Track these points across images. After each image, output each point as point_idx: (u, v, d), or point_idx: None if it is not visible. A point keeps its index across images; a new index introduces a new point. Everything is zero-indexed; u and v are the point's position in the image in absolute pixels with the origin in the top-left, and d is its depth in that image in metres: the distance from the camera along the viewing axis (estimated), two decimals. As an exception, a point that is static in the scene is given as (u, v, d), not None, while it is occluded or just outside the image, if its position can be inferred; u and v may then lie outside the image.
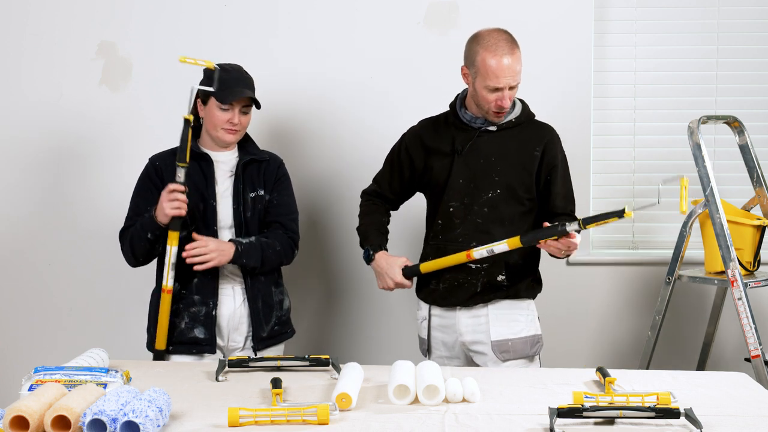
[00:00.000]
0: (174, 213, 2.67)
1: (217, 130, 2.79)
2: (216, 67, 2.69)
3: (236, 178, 2.83)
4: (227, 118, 2.76)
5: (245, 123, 2.82)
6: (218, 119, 2.77)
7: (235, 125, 2.78)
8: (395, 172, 2.91)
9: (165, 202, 2.67)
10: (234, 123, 2.77)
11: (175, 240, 2.70)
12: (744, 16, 3.58)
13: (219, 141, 2.82)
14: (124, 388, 1.97)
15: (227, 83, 2.74)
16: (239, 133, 2.82)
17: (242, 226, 2.81)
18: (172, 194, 2.67)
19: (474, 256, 2.66)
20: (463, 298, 2.74)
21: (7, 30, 3.58)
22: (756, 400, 2.19)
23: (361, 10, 3.53)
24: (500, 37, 2.67)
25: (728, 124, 3.38)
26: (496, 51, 2.63)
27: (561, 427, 1.93)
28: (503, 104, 2.67)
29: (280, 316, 2.90)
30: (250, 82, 2.82)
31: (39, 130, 3.59)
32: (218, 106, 2.75)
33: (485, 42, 2.65)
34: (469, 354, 2.78)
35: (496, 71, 2.63)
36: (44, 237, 3.62)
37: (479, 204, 2.73)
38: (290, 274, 3.09)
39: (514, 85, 2.67)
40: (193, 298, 2.79)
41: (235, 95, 2.74)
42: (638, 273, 3.61)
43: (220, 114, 2.76)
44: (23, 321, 3.65)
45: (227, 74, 2.76)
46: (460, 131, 2.78)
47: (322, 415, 1.96)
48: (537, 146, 2.74)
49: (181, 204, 2.67)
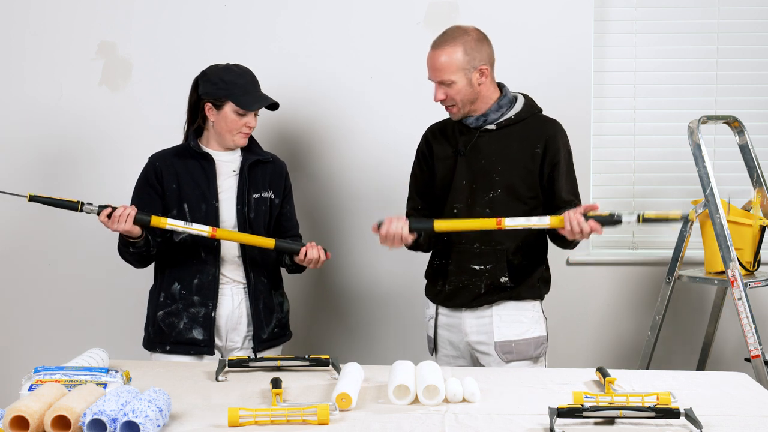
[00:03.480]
0: (121, 229, 2.66)
1: (233, 134, 2.78)
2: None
3: (241, 178, 2.82)
4: (244, 122, 2.77)
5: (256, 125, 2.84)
6: (235, 124, 2.77)
7: (251, 129, 2.80)
8: (420, 184, 2.90)
9: (111, 228, 2.68)
10: (251, 126, 2.79)
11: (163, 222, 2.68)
12: (744, 16, 3.58)
13: (231, 144, 2.81)
14: (124, 388, 1.97)
15: (245, 88, 2.75)
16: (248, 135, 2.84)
17: (246, 227, 2.80)
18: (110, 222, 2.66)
19: (505, 225, 2.57)
20: (467, 300, 2.74)
21: (7, 30, 3.58)
22: (756, 400, 2.19)
23: (361, 11, 3.53)
24: (446, 31, 2.72)
25: (728, 124, 3.38)
26: (432, 43, 2.71)
27: (561, 427, 1.93)
28: (435, 98, 2.70)
29: (280, 319, 2.90)
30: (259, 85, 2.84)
31: (39, 130, 3.59)
32: (236, 111, 2.75)
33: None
34: (474, 354, 2.78)
35: (427, 62, 2.70)
36: (44, 237, 3.62)
37: (481, 205, 2.72)
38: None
39: (442, 81, 2.66)
40: (192, 299, 2.79)
41: (260, 101, 2.76)
42: (638, 273, 3.61)
43: (237, 119, 2.76)
44: (23, 321, 3.65)
45: (240, 78, 2.76)
46: (462, 133, 2.77)
47: (322, 415, 1.96)
48: (538, 143, 2.71)
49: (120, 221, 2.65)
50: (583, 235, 2.52)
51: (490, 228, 2.59)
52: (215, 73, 2.79)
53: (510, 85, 2.84)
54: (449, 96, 2.67)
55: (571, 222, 2.50)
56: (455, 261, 2.75)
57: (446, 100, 2.68)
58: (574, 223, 2.50)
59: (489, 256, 2.71)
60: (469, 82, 2.66)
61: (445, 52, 2.65)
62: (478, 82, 2.67)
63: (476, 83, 2.67)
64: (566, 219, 2.51)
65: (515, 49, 3.44)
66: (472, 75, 2.65)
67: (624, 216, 2.49)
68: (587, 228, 2.49)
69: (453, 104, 2.69)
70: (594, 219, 2.50)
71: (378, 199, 3.55)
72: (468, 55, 2.65)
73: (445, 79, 2.64)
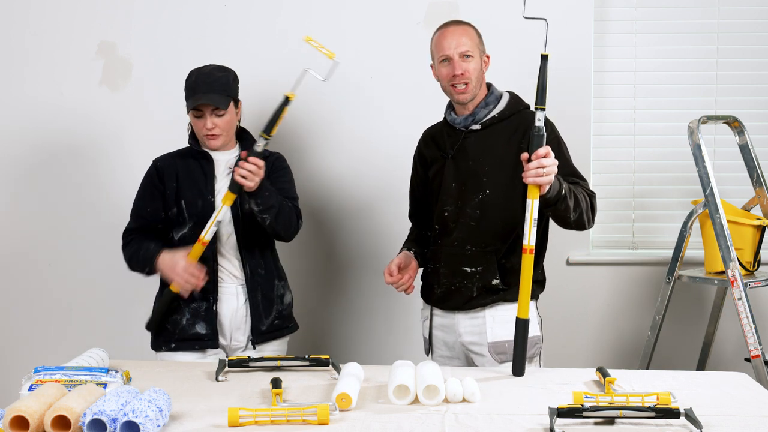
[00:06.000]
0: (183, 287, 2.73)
1: (200, 136, 2.81)
2: (336, 61, 2.66)
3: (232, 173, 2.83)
4: (202, 124, 2.77)
5: (223, 125, 2.78)
6: (197, 127, 2.79)
7: (210, 130, 2.77)
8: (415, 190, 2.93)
9: (177, 276, 2.71)
10: (209, 128, 2.76)
11: (229, 200, 2.68)
12: (744, 16, 3.58)
13: (205, 147, 2.83)
14: (124, 388, 1.97)
15: (191, 90, 2.76)
16: (220, 137, 2.80)
17: (240, 220, 2.81)
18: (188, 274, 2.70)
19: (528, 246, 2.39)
20: (460, 303, 2.74)
21: (7, 30, 3.58)
22: (756, 400, 2.19)
23: (361, 10, 3.53)
24: (452, 20, 2.75)
25: (728, 124, 3.38)
26: (442, 27, 2.72)
27: (561, 427, 1.93)
28: (455, 73, 2.66)
29: (281, 311, 2.90)
30: (217, 83, 2.78)
31: (39, 130, 3.59)
32: (192, 114, 2.77)
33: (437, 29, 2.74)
34: (468, 355, 2.78)
35: (441, 41, 2.69)
36: (45, 237, 3.62)
37: (471, 206, 2.71)
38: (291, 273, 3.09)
39: (465, 53, 2.65)
40: (193, 294, 2.79)
41: (194, 102, 2.74)
42: (638, 273, 3.61)
43: (197, 122, 2.78)
44: (23, 321, 3.65)
45: (189, 80, 2.78)
46: (450, 135, 2.78)
47: (322, 415, 1.96)
48: (522, 139, 2.68)
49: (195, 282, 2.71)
50: (546, 167, 2.34)
51: (531, 260, 2.41)
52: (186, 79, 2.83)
53: (509, 85, 2.84)
54: (468, 71, 2.67)
55: (529, 176, 2.36)
56: (447, 264, 2.74)
57: (465, 75, 2.66)
58: (530, 173, 2.35)
59: (479, 258, 2.70)
60: (480, 65, 2.70)
61: (464, 28, 2.69)
62: (484, 69, 2.72)
63: (482, 69, 2.72)
64: (526, 180, 2.38)
65: (515, 49, 3.44)
66: (482, 59, 2.71)
67: (537, 123, 2.36)
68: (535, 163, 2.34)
69: (468, 81, 2.67)
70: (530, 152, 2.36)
71: (378, 199, 3.55)
72: (480, 38, 2.72)
73: (468, 50, 2.66)
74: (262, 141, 2.64)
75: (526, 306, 2.43)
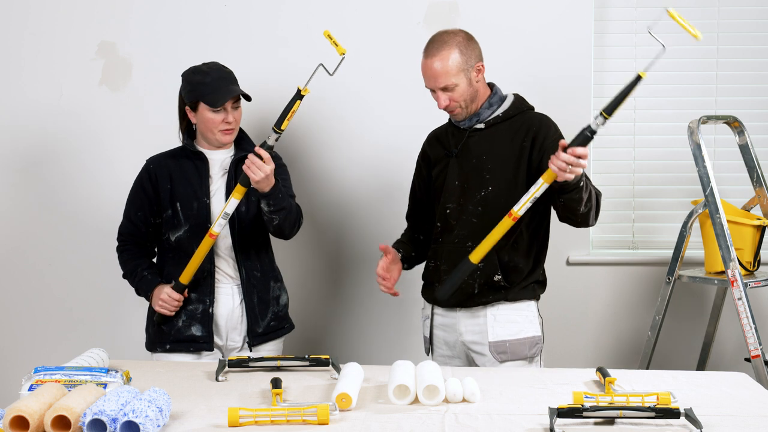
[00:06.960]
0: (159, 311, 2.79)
1: (214, 133, 2.79)
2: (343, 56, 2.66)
3: (228, 175, 2.83)
4: (221, 118, 2.77)
5: (239, 118, 2.82)
6: (212, 122, 2.77)
7: (230, 124, 2.78)
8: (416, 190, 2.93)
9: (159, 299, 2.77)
10: (229, 122, 2.78)
11: (239, 194, 2.68)
12: (744, 16, 3.58)
13: (216, 142, 2.82)
14: (124, 388, 1.97)
15: (211, 86, 2.75)
16: (235, 131, 2.82)
17: (235, 221, 2.81)
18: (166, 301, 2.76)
19: (517, 213, 2.50)
20: (461, 299, 2.74)
21: (7, 30, 3.58)
22: (756, 400, 2.19)
23: (361, 10, 3.53)
24: (434, 38, 2.69)
25: (728, 124, 3.38)
26: (424, 52, 2.68)
27: (561, 427, 1.93)
28: (440, 106, 2.68)
29: (276, 312, 2.90)
30: (232, 77, 2.82)
31: (39, 130, 3.59)
32: (209, 110, 2.76)
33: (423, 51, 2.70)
34: (469, 354, 2.78)
35: (423, 71, 2.68)
36: (44, 237, 3.62)
37: (473, 204, 2.72)
38: (290, 273, 3.09)
39: (445, 87, 2.64)
40: (189, 296, 2.80)
41: (225, 96, 2.74)
42: (638, 273, 3.61)
43: (213, 116, 2.77)
44: (23, 321, 3.65)
45: (207, 76, 2.77)
46: (455, 135, 2.78)
47: (322, 415, 1.96)
48: (525, 138, 2.70)
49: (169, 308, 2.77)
50: (575, 167, 2.38)
51: (509, 226, 2.53)
52: (187, 76, 2.81)
53: (510, 86, 2.84)
54: (453, 100, 2.66)
55: (556, 164, 2.40)
56: (448, 261, 2.75)
57: (450, 105, 2.67)
58: (559, 163, 2.39)
59: None
60: (470, 81, 2.66)
61: (442, 58, 2.63)
62: (476, 80, 2.69)
63: (474, 81, 2.68)
64: (551, 165, 2.42)
65: (515, 49, 3.45)
66: (471, 74, 2.66)
67: (592, 123, 2.38)
68: (570, 158, 2.37)
69: (457, 107, 2.68)
70: (570, 146, 2.39)
71: (378, 199, 3.55)
72: (464, 56, 2.65)
73: (448, 84, 2.63)
74: (274, 135, 2.64)
75: (482, 254, 2.56)
